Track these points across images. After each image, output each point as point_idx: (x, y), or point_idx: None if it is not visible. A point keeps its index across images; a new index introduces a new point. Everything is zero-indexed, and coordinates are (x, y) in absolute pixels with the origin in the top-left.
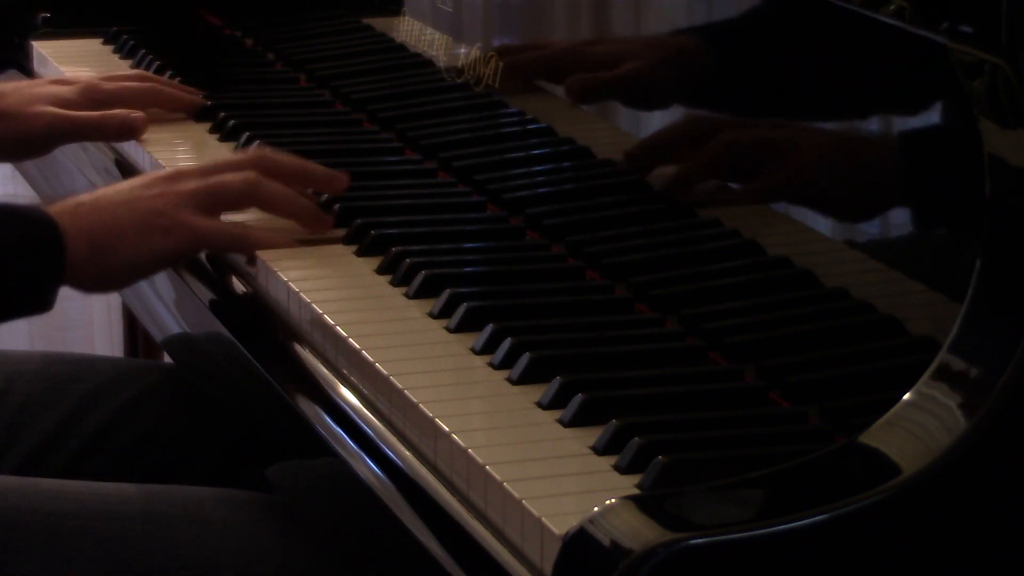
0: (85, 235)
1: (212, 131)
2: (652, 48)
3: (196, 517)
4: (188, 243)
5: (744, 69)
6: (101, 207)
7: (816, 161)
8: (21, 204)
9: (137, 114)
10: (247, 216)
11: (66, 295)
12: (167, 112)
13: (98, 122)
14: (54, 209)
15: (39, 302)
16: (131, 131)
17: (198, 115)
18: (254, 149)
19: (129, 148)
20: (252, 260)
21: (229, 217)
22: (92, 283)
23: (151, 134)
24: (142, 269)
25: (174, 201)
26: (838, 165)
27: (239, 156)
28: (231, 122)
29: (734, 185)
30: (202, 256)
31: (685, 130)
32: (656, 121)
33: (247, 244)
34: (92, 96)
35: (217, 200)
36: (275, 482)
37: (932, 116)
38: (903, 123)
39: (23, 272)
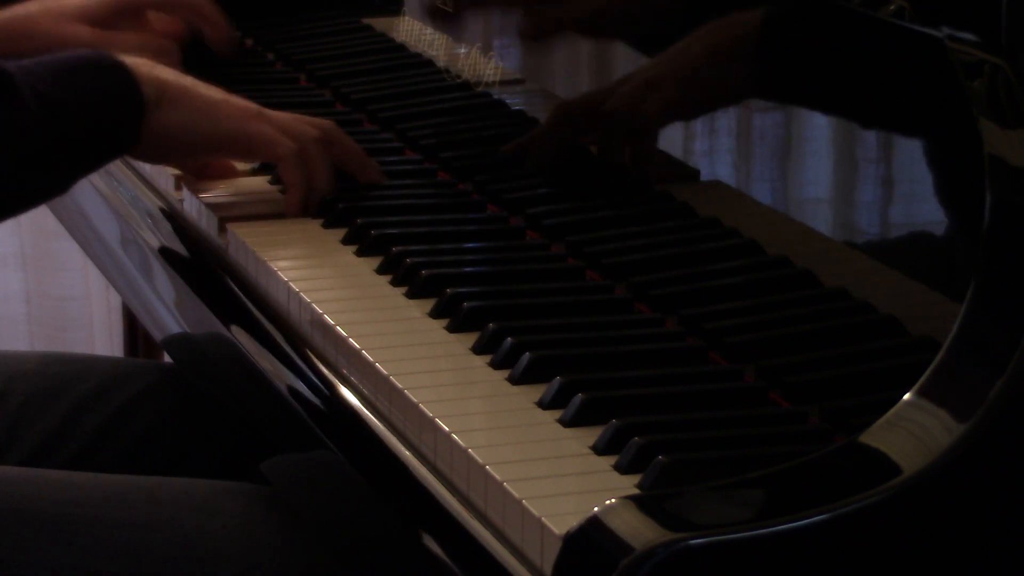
0: (159, 82)
1: None
2: None
3: (201, 507)
4: (244, 136)
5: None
6: (181, 75)
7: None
8: (90, 55)
9: (171, 45)
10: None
11: (67, 295)
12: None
13: (138, 44)
14: (130, 60)
15: (123, 144)
16: (168, 56)
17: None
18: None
19: None
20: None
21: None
22: (153, 132)
23: None
24: (196, 138)
25: (248, 104)
26: (837, 164)
27: (316, 119)
28: None
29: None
30: (201, 254)
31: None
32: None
33: (289, 160)
34: (125, 5)
35: (287, 127)
36: (272, 477)
37: (932, 116)
38: (903, 123)
39: (107, 118)
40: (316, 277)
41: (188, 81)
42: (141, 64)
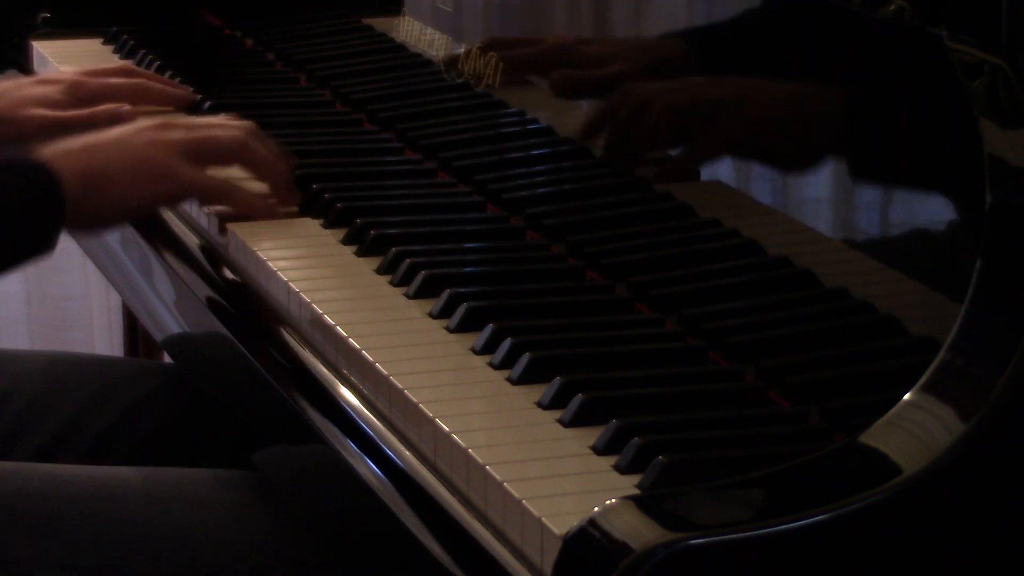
0: (78, 176)
1: None
2: (638, 50)
3: (193, 498)
4: (176, 191)
5: (743, 71)
6: (91, 151)
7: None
8: (12, 155)
9: (125, 107)
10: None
11: (67, 295)
12: (157, 107)
13: (88, 119)
14: (44, 154)
15: (43, 244)
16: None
17: (192, 109)
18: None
19: None
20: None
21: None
22: (86, 221)
23: None
24: (132, 212)
25: (164, 149)
26: (836, 163)
27: (230, 119)
28: None
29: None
30: (201, 255)
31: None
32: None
33: (232, 199)
34: (78, 95)
35: (204, 152)
36: (263, 468)
37: (932, 116)
38: (903, 122)
39: (26, 217)
40: (316, 277)
41: (106, 155)
42: (58, 158)
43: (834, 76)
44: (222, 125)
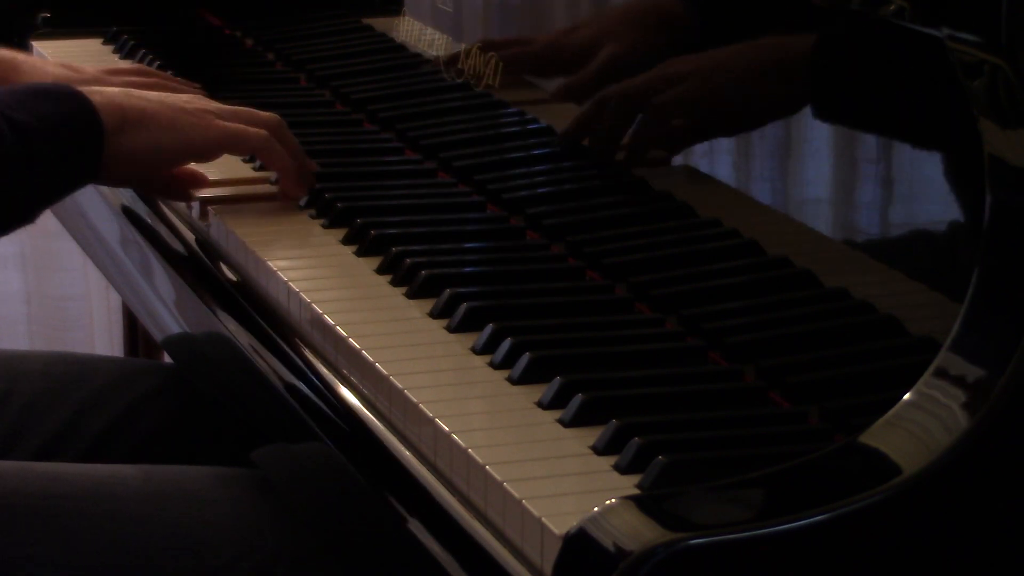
0: (116, 109)
1: None
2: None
3: (192, 496)
4: (214, 139)
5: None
6: (130, 94)
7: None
8: (51, 85)
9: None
10: (248, 216)
11: (67, 295)
12: None
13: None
14: (84, 88)
15: (86, 170)
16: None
17: None
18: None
19: None
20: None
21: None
22: (123, 159)
23: None
24: (166, 154)
25: (202, 106)
26: (837, 164)
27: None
28: None
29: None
30: (201, 254)
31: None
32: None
33: (267, 150)
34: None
35: (241, 118)
36: (262, 466)
37: (932, 116)
38: (903, 123)
39: (69, 139)
40: (316, 277)
41: (145, 100)
42: (96, 92)
43: (835, 75)
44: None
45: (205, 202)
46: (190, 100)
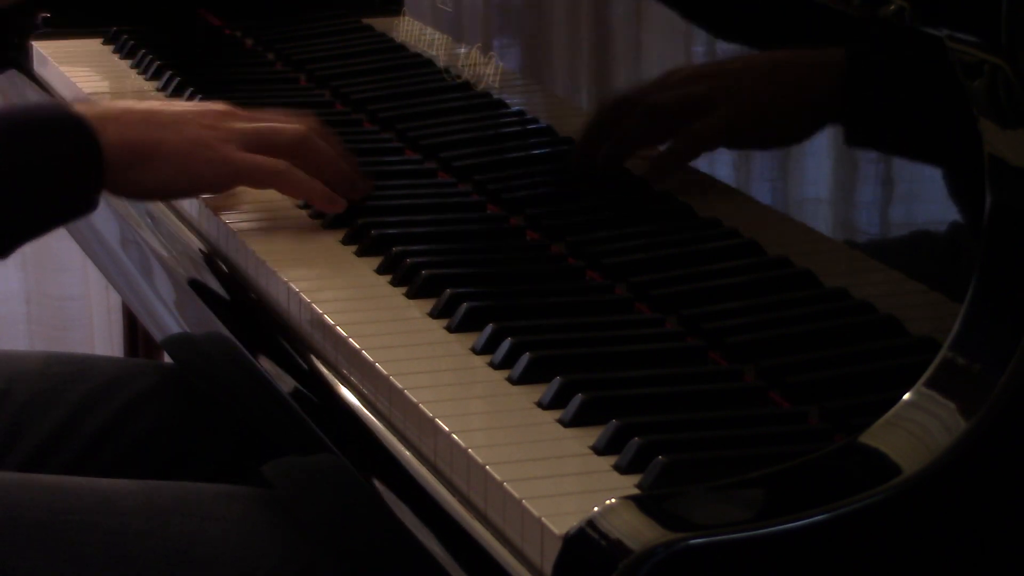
0: (128, 144)
1: None
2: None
3: (196, 512)
4: (227, 176)
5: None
6: (150, 122)
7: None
8: (54, 109)
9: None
10: (247, 217)
11: (67, 295)
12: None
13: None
14: (99, 112)
15: (82, 205)
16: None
17: None
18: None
19: None
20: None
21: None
22: (130, 189)
23: None
24: (175, 191)
25: (223, 136)
26: (837, 164)
27: (290, 127)
28: None
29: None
30: (201, 254)
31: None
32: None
33: (286, 181)
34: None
35: (263, 142)
36: (272, 478)
37: (932, 116)
38: (903, 123)
39: (63, 177)
40: (316, 277)
41: (163, 129)
42: (111, 121)
43: (834, 75)
44: (284, 118)
45: (206, 203)
46: (215, 123)
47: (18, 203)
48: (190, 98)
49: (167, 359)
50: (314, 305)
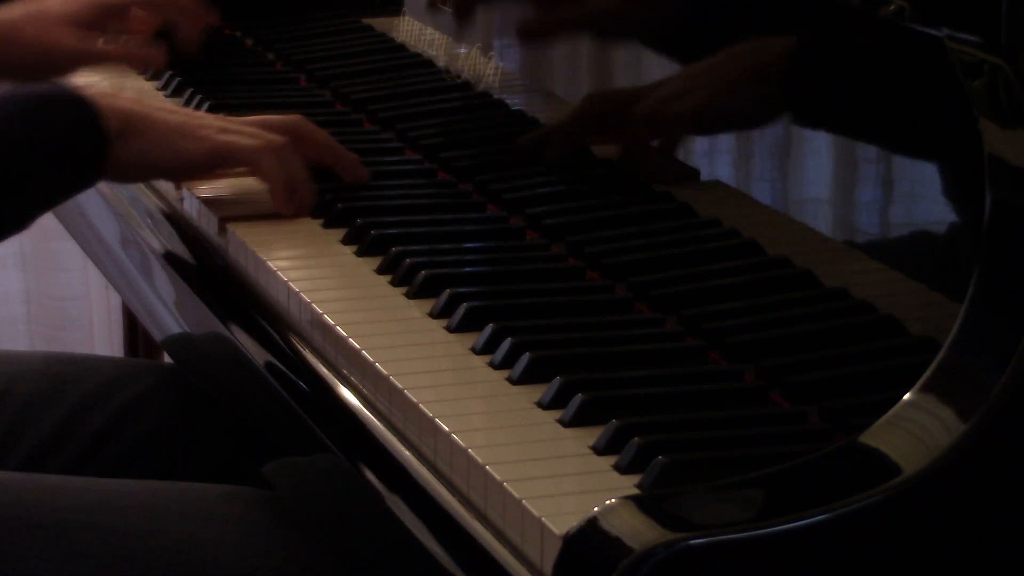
0: (118, 112)
1: None
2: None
3: (198, 513)
4: (210, 153)
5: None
6: (142, 101)
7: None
8: (53, 87)
9: (159, 52)
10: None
11: (67, 295)
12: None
13: (122, 56)
14: (91, 91)
15: (88, 176)
16: (153, 67)
17: None
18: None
19: None
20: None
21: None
22: (124, 163)
23: None
24: (159, 168)
25: (211, 121)
26: (837, 164)
27: (281, 116)
28: None
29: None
30: (201, 254)
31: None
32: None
33: (263, 165)
34: (110, 6)
35: (258, 126)
36: (273, 479)
37: (932, 116)
38: (903, 123)
39: (70, 147)
40: (316, 277)
41: (150, 107)
42: (103, 96)
43: (834, 74)
44: (274, 120)
45: (205, 201)
46: (205, 115)
47: (36, 173)
48: (190, 98)
49: (167, 359)
50: (314, 305)
